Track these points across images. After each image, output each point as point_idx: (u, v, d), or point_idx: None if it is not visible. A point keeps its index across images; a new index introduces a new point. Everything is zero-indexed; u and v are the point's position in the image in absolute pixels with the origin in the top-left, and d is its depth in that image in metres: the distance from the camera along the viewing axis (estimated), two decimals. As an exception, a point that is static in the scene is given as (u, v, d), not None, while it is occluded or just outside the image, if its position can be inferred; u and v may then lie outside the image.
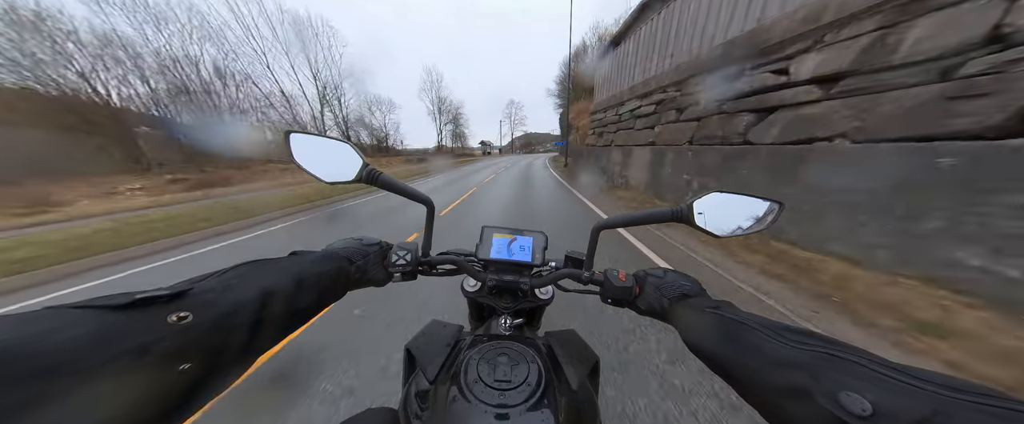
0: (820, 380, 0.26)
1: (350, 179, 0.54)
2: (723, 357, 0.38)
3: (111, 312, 0.25)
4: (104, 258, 4.81)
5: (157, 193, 13.66)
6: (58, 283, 4.11)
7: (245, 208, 8.03)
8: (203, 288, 0.33)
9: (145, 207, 10.33)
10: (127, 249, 5.10)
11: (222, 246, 5.54)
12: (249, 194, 12.71)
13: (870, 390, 0.24)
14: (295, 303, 0.41)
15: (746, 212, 0.54)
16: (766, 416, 0.31)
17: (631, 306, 0.59)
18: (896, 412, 0.22)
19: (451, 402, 0.46)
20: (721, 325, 0.40)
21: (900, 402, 0.23)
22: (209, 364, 0.29)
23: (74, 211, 9.86)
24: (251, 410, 1.68)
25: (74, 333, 0.21)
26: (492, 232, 0.70)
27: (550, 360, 0.55)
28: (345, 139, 0.54)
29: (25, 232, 6.80)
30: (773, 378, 0.30)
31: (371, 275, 0.59)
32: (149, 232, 5.81)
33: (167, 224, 6.40)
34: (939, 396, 0.22)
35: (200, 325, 0.29)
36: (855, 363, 0.27)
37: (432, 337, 0.62)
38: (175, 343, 0.26)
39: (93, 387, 0.20)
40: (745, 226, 0.54)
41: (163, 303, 0.28)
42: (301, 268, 0.45)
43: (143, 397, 0.23)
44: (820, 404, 0.25)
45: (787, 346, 0.32)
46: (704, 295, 0.54)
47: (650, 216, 0.56)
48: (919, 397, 0.22)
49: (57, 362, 0.20)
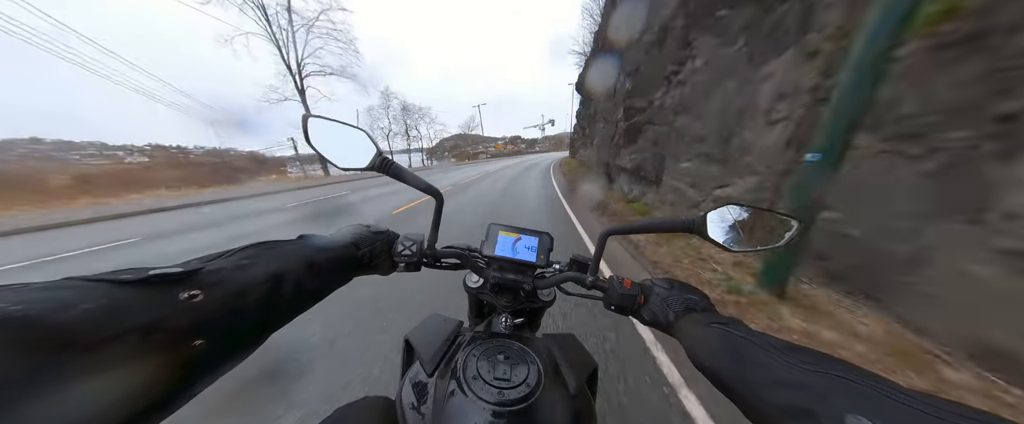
0: (827, 402, 0.26)
1: (363, 167, 0.54)
2: (728, 374, 0.37)
3: (124, 287, 0.25)
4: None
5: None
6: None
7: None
8: (214, 267, 0.33)
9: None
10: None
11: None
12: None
13: (877, 415, 0.24)
14: (303, 286, 0.42)
15: (762, 226, 0.52)
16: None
17: (634, 315, 0.58)
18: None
19: (449, 396, 0.46)
20: (728, 342, 0.39)
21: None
22: (219, 341, 0.29)
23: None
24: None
25: (88, 306, 0.22)
26: (498, 230, 0.70)
27: (548, 363, 0.54)
28: (361, 127, 0.54)
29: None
30: (778, 398, 0.30)
31: (377, 263, 0.59)
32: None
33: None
34: (948, 422, 0.22)
35: (210, 303, 0.29)
36: (864, 387, 0.26)
37: (432, 330, 0.62)
38: (185, 320, 0.27)
39: (105, 359, 0.21)
40: (761, 242, 0.52)
41: (175, 280, 0.28)
42: (310, 252, 0.45)
43: (153, 371, 0.24)
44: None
45: (795, 367, 0.31)
46: (711, 310, 0.52)
47: (661, 225, 0.55)
48: (927, 423, 0.22)
49: (72, 333, 0.20)
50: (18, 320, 0.19)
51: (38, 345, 0.19)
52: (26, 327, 0.19)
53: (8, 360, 0.17)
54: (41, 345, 0.19)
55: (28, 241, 7.28)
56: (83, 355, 0.20)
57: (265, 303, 0.35)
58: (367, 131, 0.55)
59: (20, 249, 6.31)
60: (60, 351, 0.19)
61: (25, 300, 0.20)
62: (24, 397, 0.17)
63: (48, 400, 0.18)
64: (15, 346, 0.18)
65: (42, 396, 0.18)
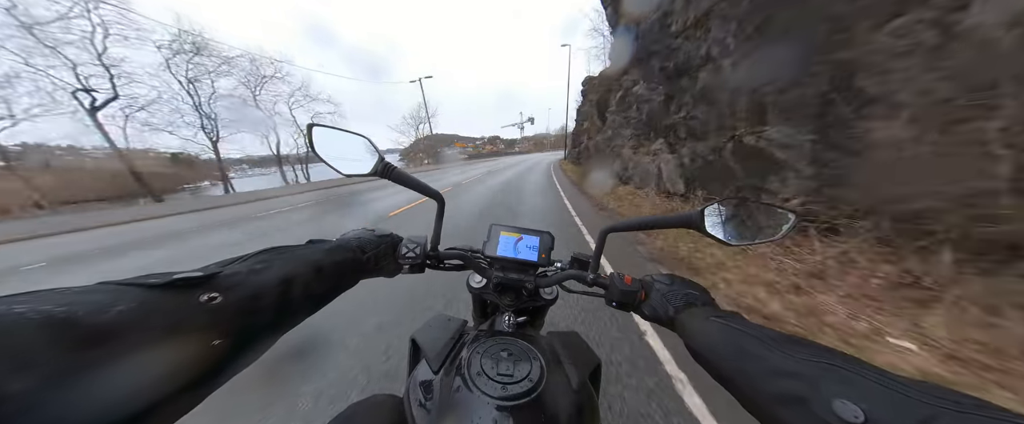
0: (817, 389, 0.27)
1: (366, 172, 0.55)
2: (727, 366, 0.38)
3: (151, 290, 0.27)
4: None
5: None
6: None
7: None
8: (231, 271, 0.35)
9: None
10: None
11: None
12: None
13: (863, 398, 0.25)
14: (313, 289, 0.43)
15: (759, 221, 0.53)
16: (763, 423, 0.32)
17: (636, 310, 0.58)
18: (886, 419, 0.23)
19: (454, 392, 0.48)
20: (727, 335, 0.40)
21: (891, 410, 0.24)
22: (236, 341, 0.31)
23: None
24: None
25: (121, 307, 0.24)
26: (500, 230, 0.71)
27: (551, 359, 0.55)
28: (363, 134, 0.56)
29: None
30: (772, 387, 0.31)
31: (382, 266, 0.61)
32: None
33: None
34: (928, 405, 0.23)
35: (228, 305, 0.31)
36: (852, 373, 0.28)
37: (437, 329, 0.63)
38: (206, 321, 0.29)
39: (135, 356, 0.23)
40: (757, 235, 0.53)
41: (196, 284, 0.30)
42: (318, 256, 0.47)
43: (177, 368, 0.26)
44: (815, 412, 0.26)
45: (789, 357, 0.32)
46: (711, 305, 0.53)
47: (660, 221, 0.56)
48: (909, 406, 0.23)
49: (106, 332, 0.22)
50: (63, 321, 0.21)
51: (81, 342, 0.21)
52: (70, 326, 0.21)
53: (55, 355, 0.19)
54: (83, 342, 0.21)
55: None
56: (119, 351, 0.22)
57: (278, 305, 0.37)
58: (368, 138, 0.56)
59: None
60: (99, 347, 0.21)
61: (68, 302, 0.22)
62: (69, 387, 0.19)
63: (89, 391, 0.20)
64: (60, 343, 0.20)
65: (84, 387, 0.20)
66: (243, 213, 11.14)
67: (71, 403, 0.19)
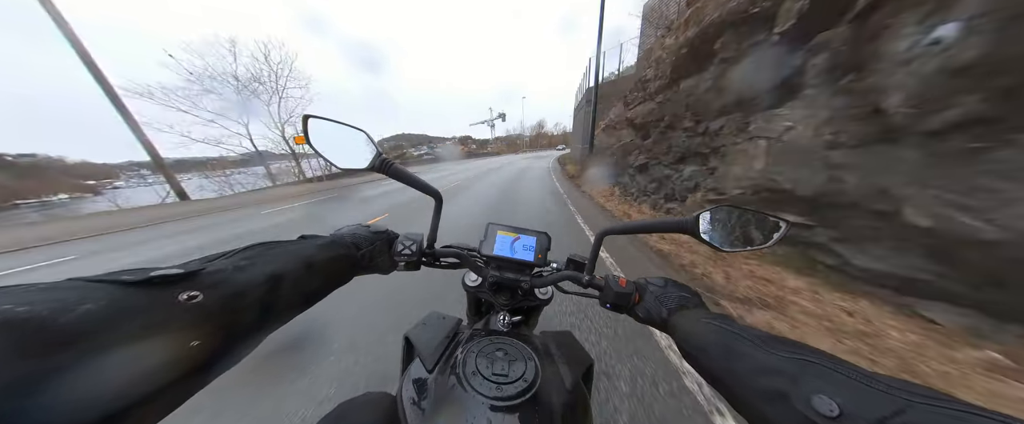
0: (798, 385, 0.29)
1: (363, 167, 0.54)
2: (716, 366, 0.39)
3: (125, 288, 0.25)
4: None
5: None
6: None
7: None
8: (214, 268, 0.33)
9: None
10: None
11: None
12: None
13: (839, 393, 0.26)
14: (303, 286, 0.42)
15: (752, 228, 0.54)
16: (748, 419, 0.33)
17: (629, 313, 0.59)
18: (860, 413, 0.24)
19: (449, 391, 0.47)
20: (718, 336, 0.41)
21: (864, 404, 0.25)
22: (218, 342, 0.30)
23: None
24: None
25: (89, 306, 0.22)
26: (496, 229, 0.71)
27: (546, 359, 0.56)
28: (362, 128, 0.54)
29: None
30: (757, 383, 0.33)
31: (377, 263, 0.60)
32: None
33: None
34: (899, 399, 0.24)
35: (210, 304, 0.29)
36: (829, 370, 0.29)
37: (431, 328, 0.63)
38: (185, 321, 0.27)
39: (105, 359, 0.21)
40: (750, 243, 0.54)
41: (175, 281, 0.28)
42: (310, 252, 0.46)
43: (154, 371, 0.24)
44: (795, 406, 0.27)
45: (773, 355, 0.34)
46: (702, 307, 0.54)
47: (656, 225, 0.57)
48: (881, 400, 0.25)
49: (73, 333, 0.20)
50: (23, 322, 0.19)
51: (43, 346, 0.19)
52: (31, 329, 0.19)
53: (13, 361, 0.17)
54: (46, 346, 0.19)
55: None
56: (85, 355, 0.20)
57: (264, 303, 0.35)
58: (367, 132, 0.55)
59: None
60: (63, 351, 0.19)
61: (30, 301, 0.20)
62: (29, 396, 0.17)
63: (51, 400, 0.18)
64: (19, 347, 0.18)
65: (47, 394, 0.18)
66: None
67: (31, 412, 0.17)
